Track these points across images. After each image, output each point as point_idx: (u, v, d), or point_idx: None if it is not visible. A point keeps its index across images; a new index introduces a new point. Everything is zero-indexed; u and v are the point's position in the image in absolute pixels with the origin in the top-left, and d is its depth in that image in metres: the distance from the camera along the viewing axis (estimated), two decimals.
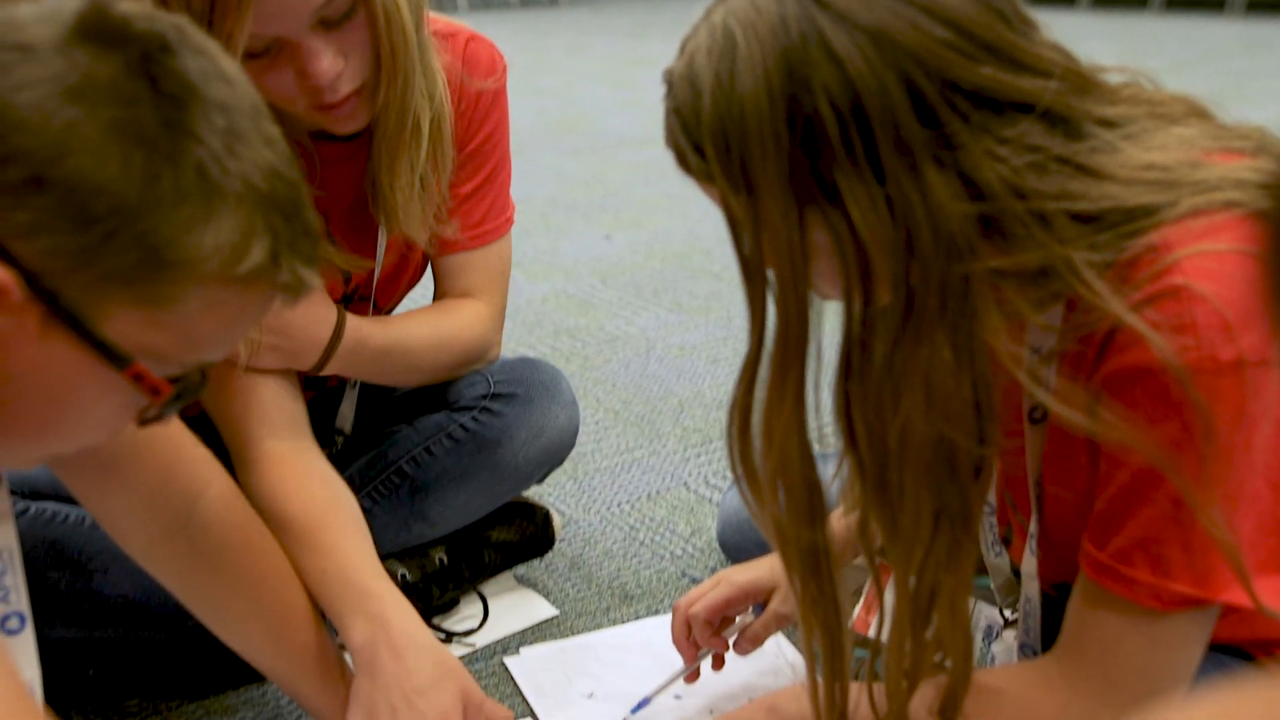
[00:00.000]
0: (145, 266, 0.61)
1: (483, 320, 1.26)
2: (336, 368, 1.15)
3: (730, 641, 1.13)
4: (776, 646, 1.22)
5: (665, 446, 1.79)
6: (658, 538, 1.51)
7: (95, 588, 1.09)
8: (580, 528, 1.54)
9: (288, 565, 1.03)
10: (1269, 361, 0.71)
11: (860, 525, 0.83)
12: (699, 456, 1.76)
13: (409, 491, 1.26)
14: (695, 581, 1.40)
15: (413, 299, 1.34)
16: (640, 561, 1.45)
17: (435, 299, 1.29)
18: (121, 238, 0.60)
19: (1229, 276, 0.70)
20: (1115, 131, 0.74)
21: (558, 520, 1.43)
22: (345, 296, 1.23)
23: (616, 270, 2.70)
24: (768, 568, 1.12)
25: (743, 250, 0.74)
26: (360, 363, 1.18)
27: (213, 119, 0.62)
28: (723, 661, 1.15)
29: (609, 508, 1.60)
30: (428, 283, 1.33)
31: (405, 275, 1.28)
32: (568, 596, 1.37)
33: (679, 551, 1.48)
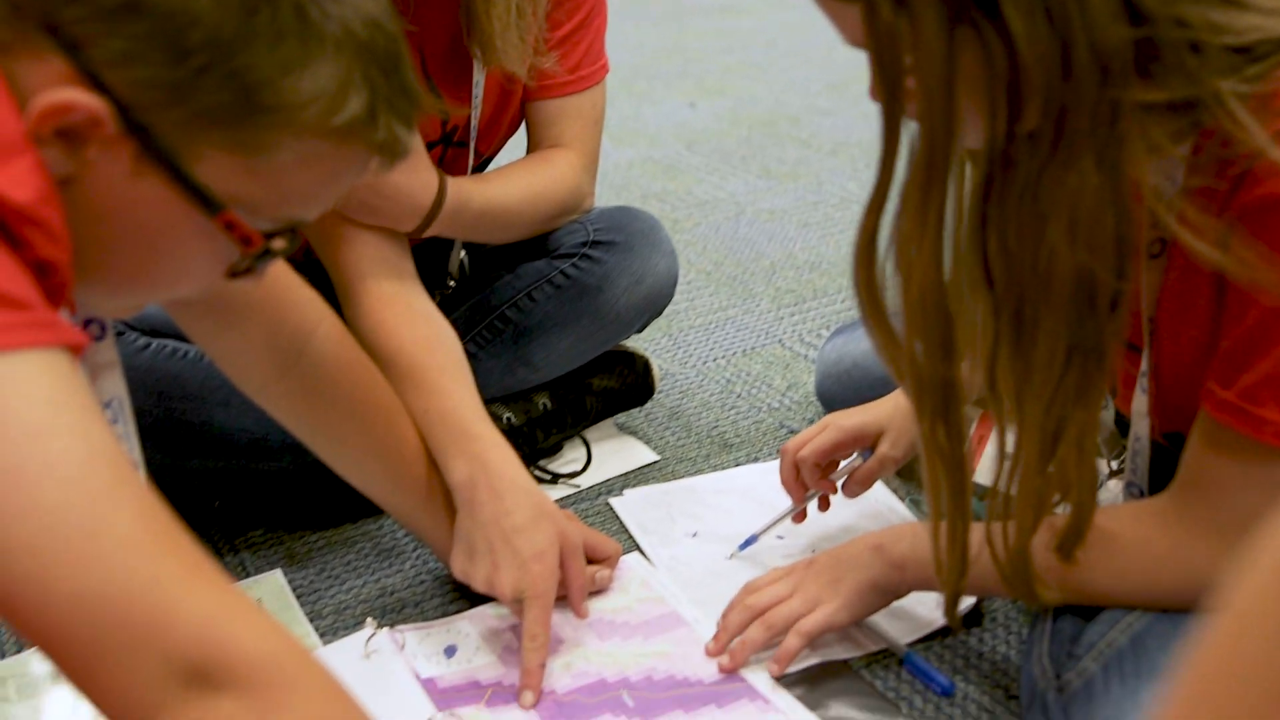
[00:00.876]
0: (240, 108, 0.60)
1: (575, 171, 1.26)
2: (436, 231, 1.16)
3: (839, 484, 1.14)
4: (881, 491, 1.23)
5: (758, 306, 1.79)
6: (754, 391, 1.52)
7: (216, 421, 1.13)
8: (677, 381, 1.55)
9: (398, 402, 1.05)
10: None
11: (987, 364, 0.80)
12: (792, 316, 1.75)
13: (512, 337, 1.28)
14: (793, 432, 1.41)
15: (509, 152, 1.34)
16: (738, 412, 1.47)
17: (529, 151, 1.29)
18: (215, 73, 0.59)
19: None
20: None
21: (657, 370, 1.44)
22: (444, 136, 1.22)
23: (702, 137, 2.66)
24: (874, 413, 1.12)
25: (885, 68, 0.71)
26: (459, 226, 1.18)
27: None
28: (829, 503, 1.16)
29: (705, 362, 1.61)
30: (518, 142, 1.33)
31: (505, 119, 1.27)
32: (668, 444, 1.39)
33: (776, 404, 1.49)
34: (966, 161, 0.74)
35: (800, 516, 1.16)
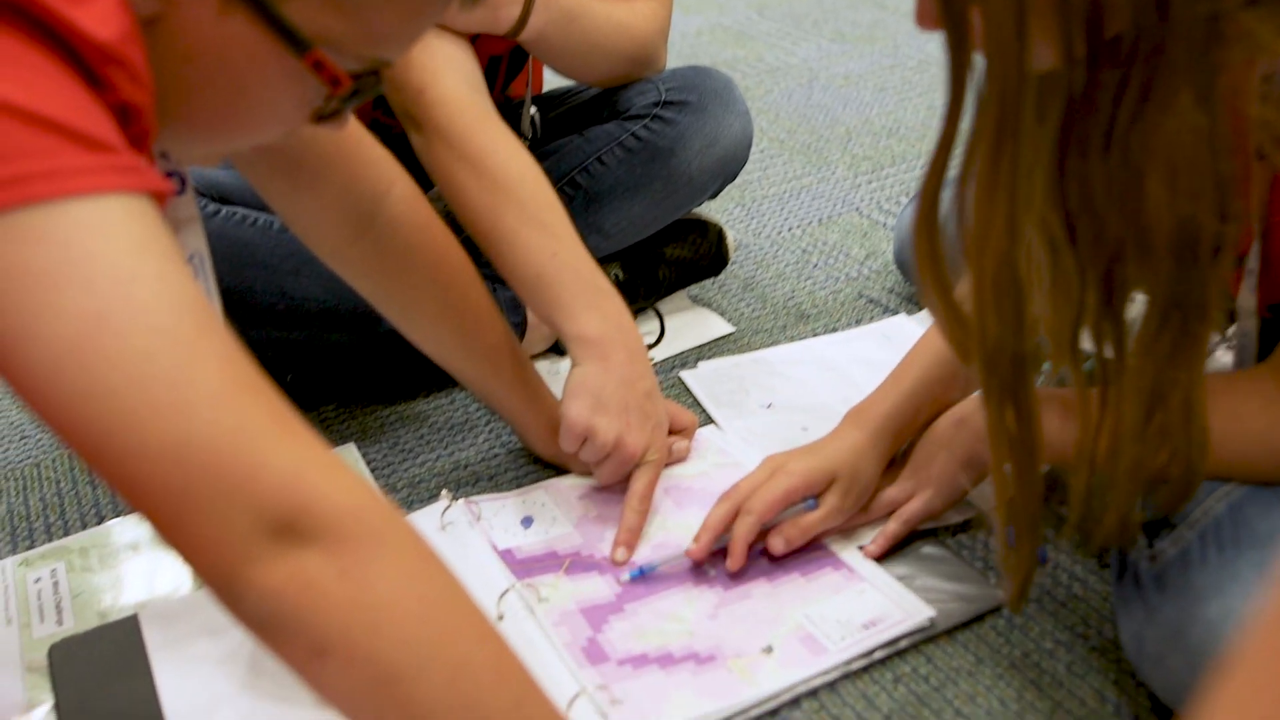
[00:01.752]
0: None
1: (655, 20, 1.21)
2: (532, 30, 1.11)
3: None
4: None
5: (834, 174, 1.72)
6: (831, 260, 1.47)
7: (287, 290, 1.11)
8: (751, 251, 1.50)
9: (471, 267, 1.02)
10: None
11: (1071, 332, 0.71)
12: (870, 183, 1.68)
13: (583, 203, 1.24)
14: (872, 302, 1.36)
15: None
16: (814, 283, 1.42)
17: None
18: None
19: None
20: None
21: (731, 239, 1.39)
22: None
23: (773, 1, 2.56)
24: (825, 456, 0.96)
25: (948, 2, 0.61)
26: (552, 31, 1.13)
27: None
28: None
29: (780, 232, 1.55)
30: None
31: None
32: (743, 315, 1.35)
33: (854, 273, 1.43)
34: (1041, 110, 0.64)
35: (700, 554, 0.94)
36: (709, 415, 1.17)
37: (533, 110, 1.25)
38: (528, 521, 1.02)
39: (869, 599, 0.90)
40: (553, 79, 1.34)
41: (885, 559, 0.95)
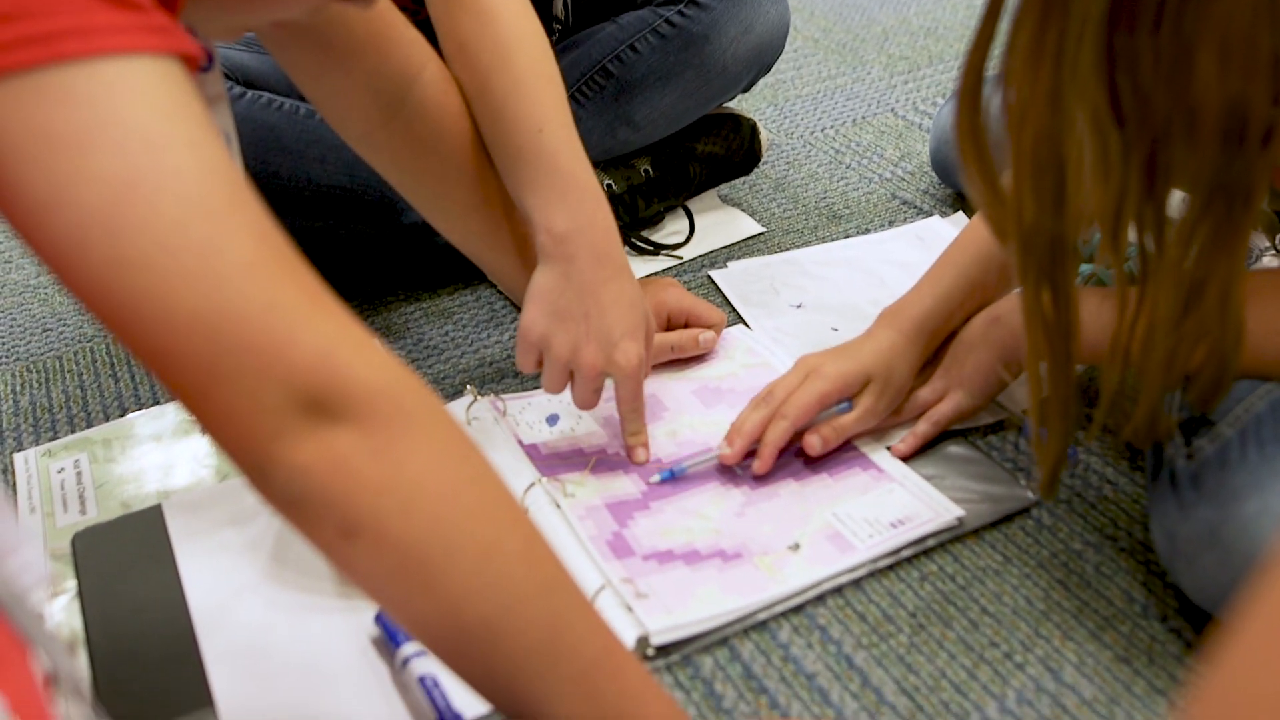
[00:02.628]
0: None
1: None
2: None
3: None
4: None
5: (869, 74, 1.68)
6: (865, 161, 1.44)
7: (312, 176, 1.09)
8: (784, 151, 1.47)
9: None
10: None
11: (1113, 214, 0.68)
12: (906, 84, 1.64)
13: (614, 93, 1.21)
14: (906, 204, 1.34)
15: None
16: (847, 183, 1.39)
17: None
18: None
19: None
20: None
21: (765, 135, 1.36)
22: None
23: None
24: (859, 359, 0.94)
25: None
26: None
27: None
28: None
29: (813, 132, 1.52)
30: None
31: None
32: (773, 215, 1.33)
33: (888, 174, 1.40)
34: None
35: (734, 459, 0.94)
36: (738, 314, 1.16)
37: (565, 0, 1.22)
38: (553, 419, 1.01)
39: (897, 498, 0.89)
40: None
41: (914, 459, 0.94)
